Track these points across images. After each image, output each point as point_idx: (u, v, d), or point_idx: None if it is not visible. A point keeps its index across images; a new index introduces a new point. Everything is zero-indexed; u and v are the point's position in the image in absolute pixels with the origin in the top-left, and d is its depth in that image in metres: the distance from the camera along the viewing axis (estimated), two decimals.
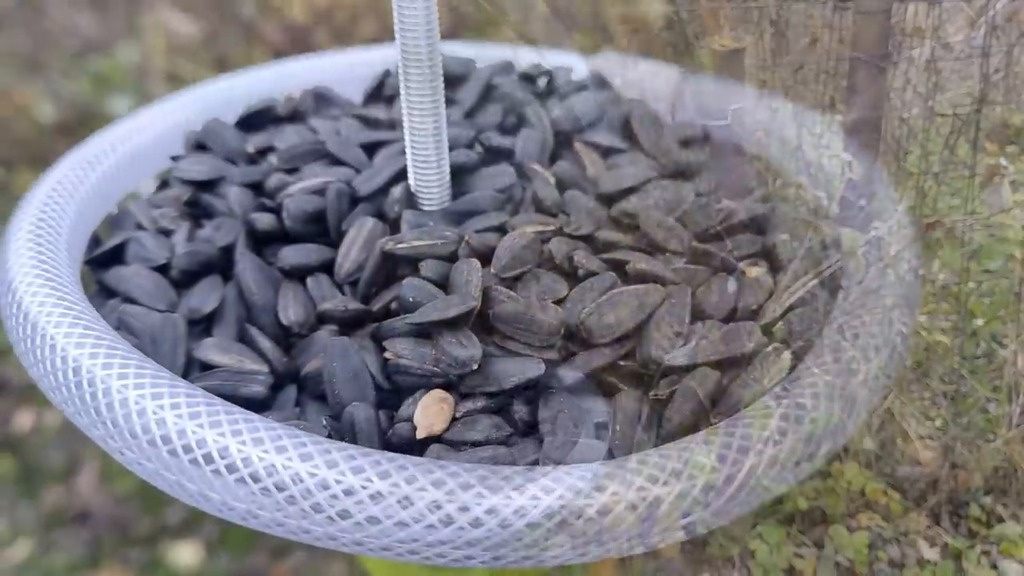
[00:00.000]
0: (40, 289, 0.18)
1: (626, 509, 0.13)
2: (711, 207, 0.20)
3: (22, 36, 1.78)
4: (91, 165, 0.22)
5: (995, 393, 1.82)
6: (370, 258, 0.18)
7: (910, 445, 1.56)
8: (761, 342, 0.17)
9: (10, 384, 1.51)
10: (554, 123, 0.22)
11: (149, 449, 0.15)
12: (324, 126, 0.23)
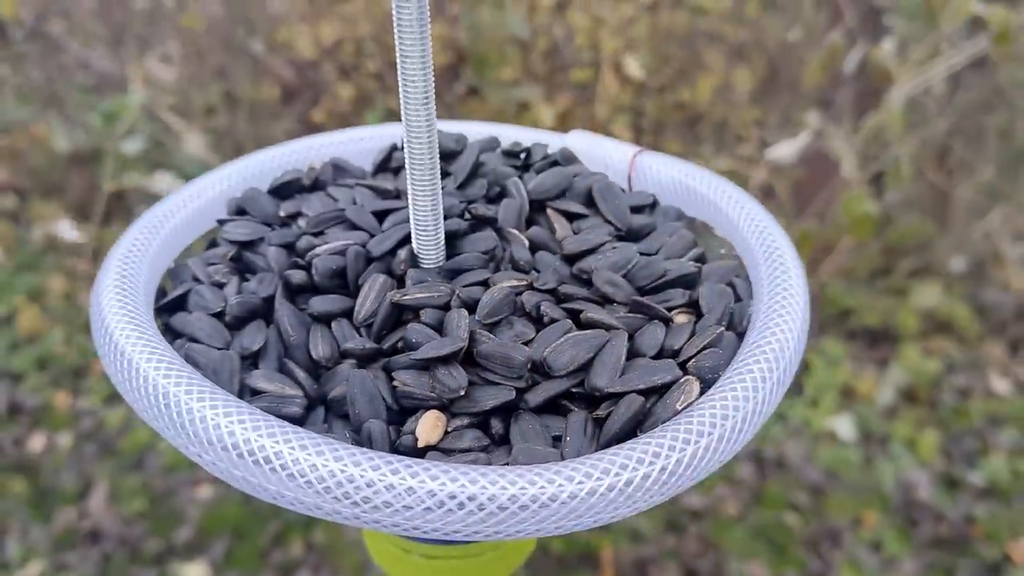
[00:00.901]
0: (131, 334, 0.22)
1: (569, 496, 0.18)
2: (652, 266, 0.24)
3: (39, 69, 1.72)
4: (156, 229, 0.27)
5: None
6: (381, 307, 0.23)
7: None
8: (677, 375, 0.22)
9: (24, 407, 1.43)
10: (530, 193, 0.26)
11: (222, 454, 0.19)
12: (342, 194, 0.27)
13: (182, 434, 0.20)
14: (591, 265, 0.23)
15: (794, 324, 0.22)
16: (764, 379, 0.20)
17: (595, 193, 0.26)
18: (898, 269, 1.57)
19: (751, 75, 1.70)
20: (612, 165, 0.29)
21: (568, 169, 0.28)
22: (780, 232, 0.24)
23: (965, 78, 1.43)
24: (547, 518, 0.18)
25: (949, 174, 1.51)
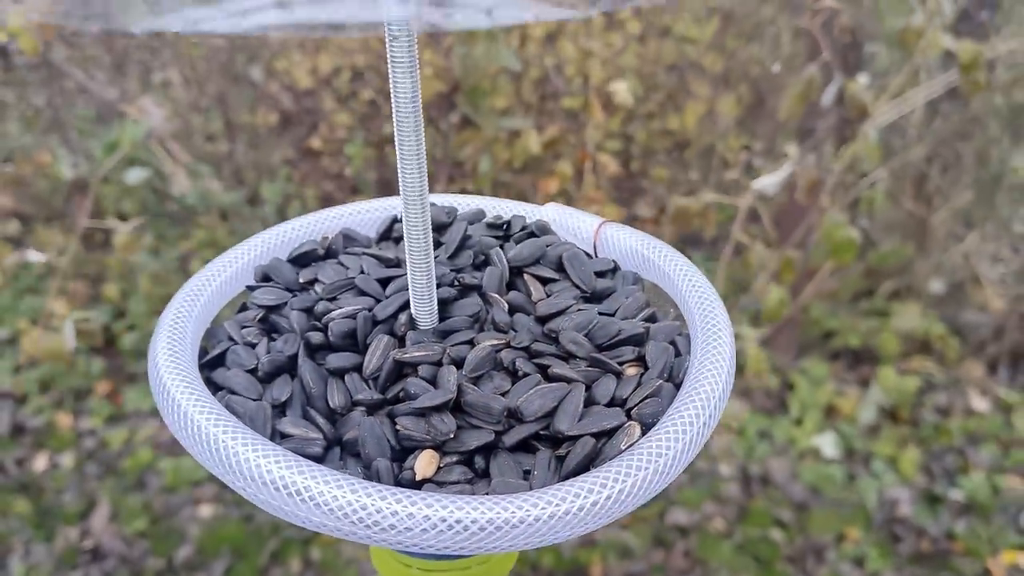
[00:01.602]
0: (184, 389, 0.26)
1: (535, 519, 0.22)
2: (609, 326, 0.28)
3: (41, 96, 1.76)
4: (197, 295, 0.31)
5: None
6: (385, 363, 0.27)
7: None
8: (623, 421, 0.25)
9: (27, 428, 1.46)
10: (510, 261, 0.31)
11: (261, 488, 0.23)
12: (352, 262, 0.32)
13: (228, 472, 0.23)
14: (559, 326, 0.28)
15: (719, 378, 0.26)
16: (692, 423, 0.24)
17: (565, 260, 0.31)
18: (879, 291, 1.61)
19: (736, 103, 1.75)
20: (580, 234, 0.34)
21: (542, 239, 0.32)
22: (716, 297, 0.28)
23: (942, 107, 1.48)
24: (519, 536, 0.22)
25: (928, 199, 1.56)
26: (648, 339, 0.28)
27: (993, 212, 1.55)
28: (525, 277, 0.31)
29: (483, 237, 0.33)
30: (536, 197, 1.60)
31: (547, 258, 0.32)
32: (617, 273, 0.32)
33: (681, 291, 0.30)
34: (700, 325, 0.28)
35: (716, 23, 1.65)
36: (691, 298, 0.29)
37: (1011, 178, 1.51)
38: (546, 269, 0.31)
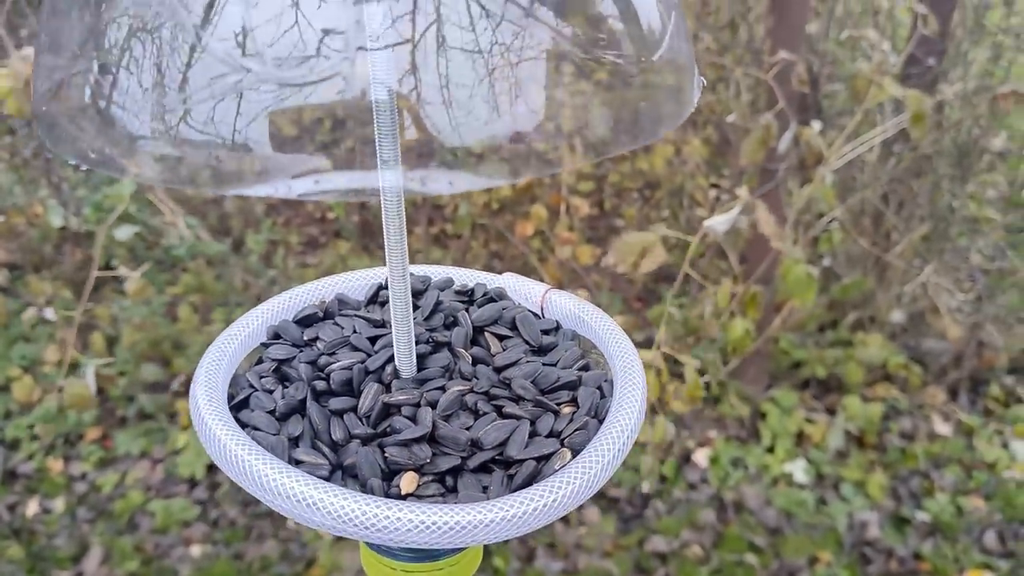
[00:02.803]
0: (222, 427, 0.32)
1: (491, 521, 0.29)
2: (550, 375, 0.35)
3: (31, 148, 1.81)
4: (223, 352, 0.37)
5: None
6: (376, 405, 0.34)
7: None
8: (558, 447, 0.32)
9: (18, 474, 1.50)
10: (473, 321, 0.38)
11: (286, 502, 0.29)
12: (346, 323, 0.38)
13: (260, 490, 0.30)
14: (511, 374, 0.35)
15: (632, 416, 0.33)
16: (609, 450, 0.31)
17: (517, 321, 0.39)
18: (843, 323, 1.69)
19: (704, 145, 1.83)
20: (530, 298, 0.41)
21: (500, 303, 0.40)
22: (633, 351, 0.35)
23: (895, 147, 1.57)
24: (479, 534, 0.29)
25: (886, 234, 1.64)
26: (580, 385, 0.35)
27: (948, 244, 1.64)
28: (486, 334, 0.38)
29: (452, 302, 0.40)
30: (513, 238, 1.67)
31: (503, 319, 0.39)
32: (559, 331, 0.39)
33: (607, 346, 0.37)
34: (620, 374, 0.34)
35: None
36: (614, 352, 0.36)
37: (962, 212, 1.60)
38: (502, 328, 0.38)
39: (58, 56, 0.23)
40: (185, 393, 1.61)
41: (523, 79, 0.23)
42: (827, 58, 1.67)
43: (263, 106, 0.21)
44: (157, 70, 0.21)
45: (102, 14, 0.22)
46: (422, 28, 0.23)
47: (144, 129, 0.22)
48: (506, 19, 0.22)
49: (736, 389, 1.61)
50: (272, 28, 0.22)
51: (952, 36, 1.54)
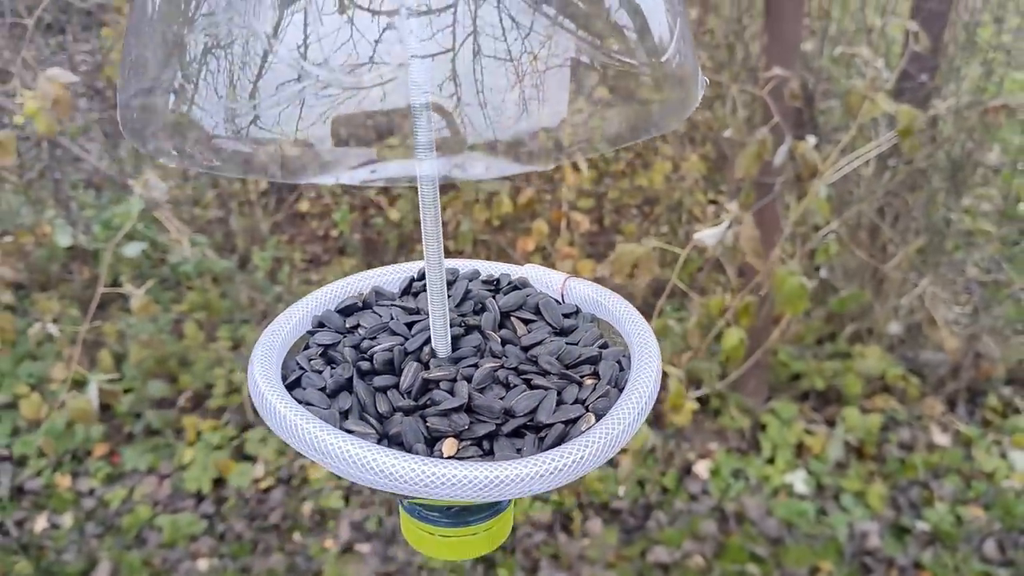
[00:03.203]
0: (281, 403, 0.35)
1: (527, 476, 0.31)
2: (573, 351, 0.38)
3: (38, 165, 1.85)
4: (274, 339, 0.40)
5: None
6: (416, 381, 0.37)
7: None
8: (582, 412, 0.35)
9: (27, 490, 1.52)
10: (500, 308, 0.42)
11: (342, 463, 0.32)
12: (384, 311, 0.42)
13: (320, 454, 0.33)
14: (537, 352, 0.38)
15: (648, 385, 0.36)
16: (629, 413, 0.34)
17: (540, 306, 0.42)
18: (841, 335, 1.72)
19: (702, 160, 1.88)
20: (551, 286, 0.44)
21: (524, 291, 0.43)
22: (648, 329, 0.38)
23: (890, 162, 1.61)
24: (514, 487, 0.31)
25: (882, 247, 1.68)
26: (600, 360, 0.38)
27: (943, 257, 1.67)
28: (512, 319, 0.41)
29: (480, 291, 0.43)
30: (515, 254, 1.70)
31: (527, 305, 0.42)
32: (579, 315, 0.43)
33: (624, 325, 0.40)
34: (637, 350, 0.38)
35: None
36: (631, 330, 0.39)
37: (957, 225, 1.64)
38: (527, 313, 0.41)
39: (145, 67, 0.26)
40: (192, 410, 1.64)
41: (549, 82, 0.26)
42: (822, 74, 1.71)
43: (323, 108, 0.24)
44: (231, 74, 0.24)
45: (185, 33, 0.25)
46: (460, 39, 0.26)
47: (220, 129, 0.25)
48: (534, 30, 0.25)
49: (736, 401, 1.64)
50: (330, 41, 0.25)
51: (945, 52, 1.59)
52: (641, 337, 0.38)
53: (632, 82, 0.27)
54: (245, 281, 1.68)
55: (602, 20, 0.26)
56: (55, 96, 1.22)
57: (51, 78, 1.23)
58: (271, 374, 0.37)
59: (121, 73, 0.28)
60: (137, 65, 0.27)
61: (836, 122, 1.63)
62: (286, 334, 0.40)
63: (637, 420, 0.34)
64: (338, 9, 0.26)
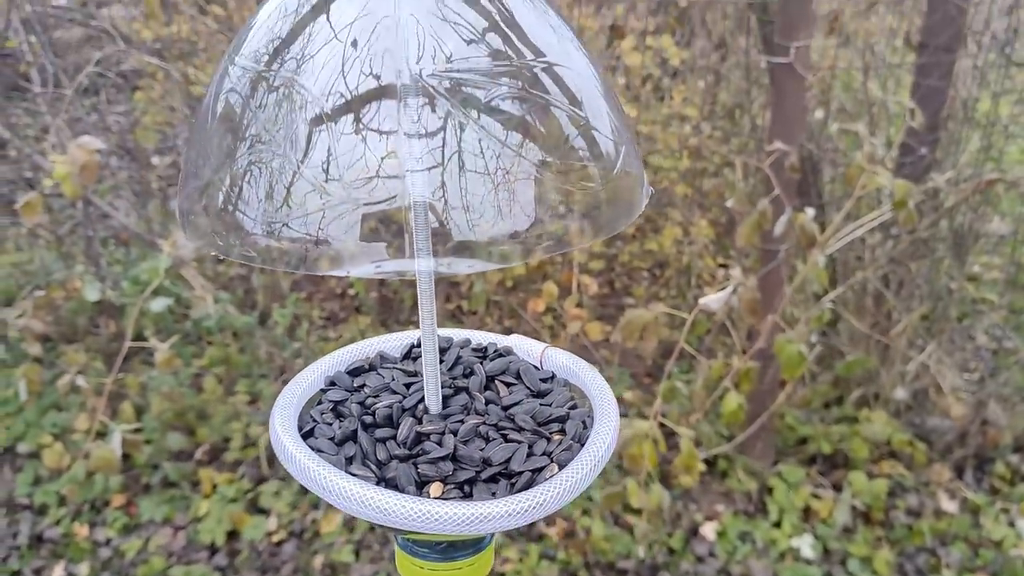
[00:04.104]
0: (297, 449, 0.42)
1: (498, 514, 0.38)
2: (545, 411, 0.45)
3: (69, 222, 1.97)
4: (293, 392, 0.47)
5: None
6: (411, 434, 0.42)
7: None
8: (548, 463, 0.41)
9: (46, 539, 1.58)
10: (486, 372, 0.47)
11: (345, 501, 0.38)
12: (387, 373, 0.48)
13: (326, 493, 0.39)
14: (515, 411, 0.45)
15: (605, 442, 0.42)
16: (586, 465, 0.40)
17: (521, 372, 0.48)
18: (848, 399, 1.76)
19: (710, 226, 1.95)
20: (532, 354, 0.50)
21: (508, 358, 0.50)
22: (611, 395, 0.44)
23: (893, 230, 1.68)
24: (490, 523, 0.37)
25: (888, 314, 1.73)
26: (568, 419, 0.44)
27: (948, 325, 1.72)
28: (496, 382, 0.48)
29: (470, 357, 0.50)
30: (525, 314, 1.77)
31: (510, 370, 0.48)
32: (554, 379, 0.49)
33: (590, 390, 0.47)
34: (598, 411, 0.44)
35: (687, 159, 1.87)
36: (595, 395, 0.46)
37: (961, 294, 1.69)
38: (509, 377, 0.48)
39: (201, 170, 0.34)
40: (208, 462, 1.70)
41: (518, 192, 0.33)
42: (828, 145, 1.79)
43: (339, 213, 0.31)
44: (269, 187, 0.32)
45: (235, 147, 0.32)
46: (448, 155, 0.33)
47: (257, 228, 0.32)
48: (503, 151, 0.33)
49: (743, 464, 1.68)
50: (346, 159, 0.32)
51: (944, 127, 1.66)
52: (603, 401, 0.44)
53: (586, 194, 0.34)
54: (265, 337, 1.75)
55: (561, 144, 0.33)
56: (83, 162, 1.31)
57: (81, 145, 1.33)
58: (289, 425, 0.43)
59: (182, 171, 0.35)
60: (195, 167, 0.34)
61: (841, 191, 1.70)
62: (303, 391, 0.47)
63: (594, 470, 0.40)
64: (354, 130, 0.33)
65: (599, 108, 0.34)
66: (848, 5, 1.66)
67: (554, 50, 0.34)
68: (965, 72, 1.59)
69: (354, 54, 0.33)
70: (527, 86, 0.33)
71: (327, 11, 0.34)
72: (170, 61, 2.02)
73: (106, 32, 1.96)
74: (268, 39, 0.35)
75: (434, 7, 0.34)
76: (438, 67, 0.32)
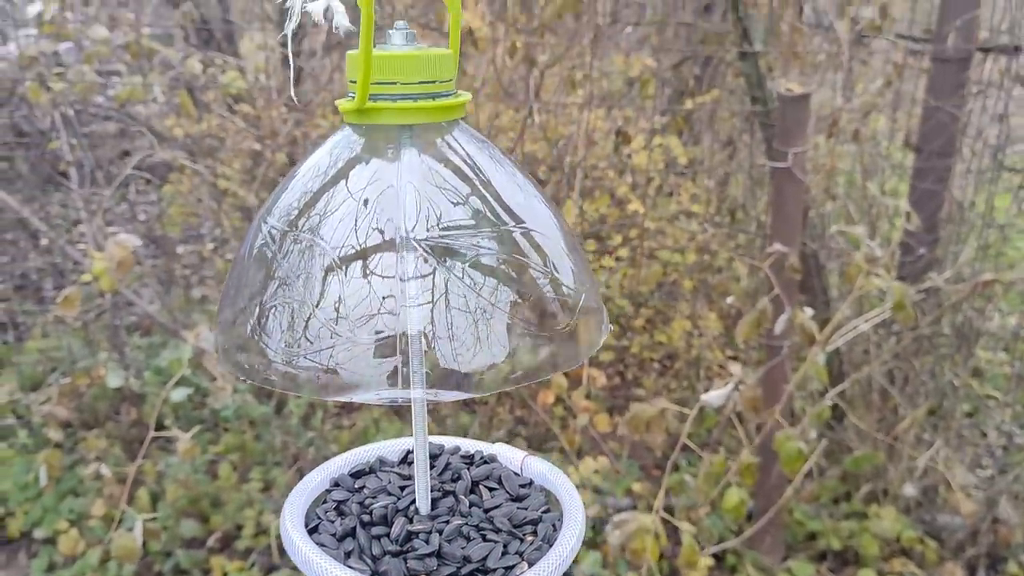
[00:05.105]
0: (301, 541, 0.47)
1: None
2: (521, 514, 0.50)
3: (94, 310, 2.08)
4: (301, 494, 0.53)
5: None
6: (402, 532, 0.48)
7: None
8: (519, 562, 0.47)
9: None
10: (472, 477, 0.54)
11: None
12: (384, 476, 0.55)
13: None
14: (494, 514, 0.50)
15: (570, 544, 0.47)
16: (552, 563, 0.46)
17: (503, 478, 0.54)
18: (857, 495, 1.79)
19: (719, 319, 2.01)
20: (514, 461, 0.56)
21: (491, 465, 0.56)
22: (578, 501, 0.50)
23: (895, 328, 1.73)
24: None
25: (894, 409, 1.77)
26: (540, 522, 0.50)
27: (954, 422, 1.76)
28: (480, 486, 0.53)
29: (458, 463, 0.56)
30: (535, 405, 1.83)
31: (493, 476, 0.54)
32: (532, 485, 0.55)
33: (562, 496, 0.52)
34: (567, 515, 0.50)
35: (694, 254, 1.95)
36: (566, 500, 0.51)
37: (966, 390, 1.73)
38: (492, 482, 0.54)
39: (234, 306, 0.41)
40: (220, 550, 1.75)
41: (495, 330, 0.40)
42: (832, 244, 1.86)
43: (347, 347, 0.39)
44: (289, 322, 0.39)
45: (264, 290, 0.40)
46: (436, 297, 0.41)
47: (278, 357, 0.39)
48: (482, 297, 0.40)
49: (752, 559, 1.70)
50: (354, 298, 0.40)
51: (943, 227, 1.73)
52: (572, 506, 0.50)
53: (553, 333, 0.41)
54: (280, 426, 1.81)
55: (531, 291, 0.41)
56: (120, 258, 1.41)
57: (118, 242, 1.43)
58: (297, 521, 0.50)
59: (220, 303, 0.43)
60: (231, 301, 0.42)
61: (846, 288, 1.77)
62: (311, 490, 0.53)
63: (559, 568, 0.46)
64: (361, 275, 0.41)
65: (563, 261, 0.42)
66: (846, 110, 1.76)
67: (522, 208, 0.42)
68: (961, 175, 1.67)
69: (364, 212, 0.41)
70: (501, 246, 0.40)
71: (347, 176, 0.42)
72: (199, 156, 2.15)
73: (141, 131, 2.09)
74: (301, 193, 0.43)
75: (428, 175, 0.42)
76: (430, 232, 0.40)
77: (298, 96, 2.10)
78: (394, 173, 0.41)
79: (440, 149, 0.42)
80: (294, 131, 2.05)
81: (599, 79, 2.05)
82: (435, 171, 0.42)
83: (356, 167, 0.42)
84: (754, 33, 1.77)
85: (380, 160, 0.42)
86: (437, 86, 0.41)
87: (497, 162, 0.44)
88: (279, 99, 2.14)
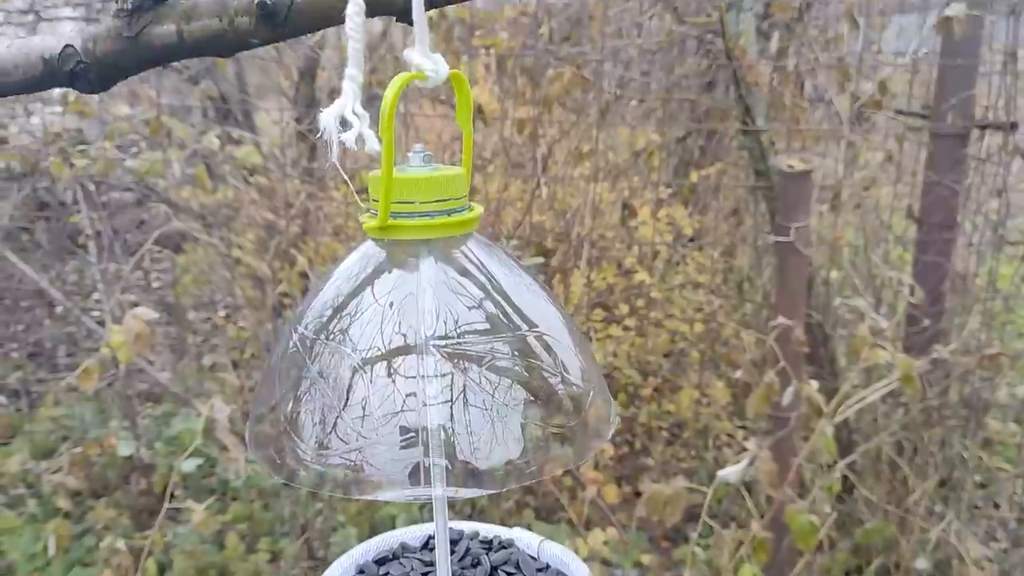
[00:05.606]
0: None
1: None
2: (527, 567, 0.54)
3: None
4: None
5: None
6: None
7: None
8: None
9: None
10: (491, 562, 0.56)
11: None
12: (407, 563, 0.57)
13: None
14: (509, 570, 0.52)
15: None
16: None
17: (520, 563, 0.56)
18: (868, 569, 1.78)
19: (727, 389, 2.03)
20: (531, 546, 0.58)
21: (509, 550, 0.58)
22: None
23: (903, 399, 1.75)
24: None
25: (904, 481, 1.77)
26: None
27: (965, 494, 1.76)
28: (499, 571, 0.55)
29: (477, 549, 0.58)
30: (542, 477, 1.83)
31: (511, 561, 0.56)
32: (549, 569, 0.57)
33: None
34: None
35: (700, 324, 1.98)
36: None
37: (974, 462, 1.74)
38: (511, 567, 0.56)
39: (266, 407, 0.45)
40: None
41: (510, 427, 0.43)
42: (837, 315, 1.89)
43: (371, 445, 0.42)
44: (320, 423, 0.42)
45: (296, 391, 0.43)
46: (455, 396, 0.44)
47: (307, 454, 0.42)
48: (497, 395, 0.43)
49: None
50: (378, 397, 0.43)
51: (947, 298, 1.76)
52: None
53: (563, 428, 0.44)
54: (289, 496, 1.83)
55: (543, 389, 0.44)
56: (137, 331, 1.45)
57: (136, 315, 1.46)
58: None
59: (253, 402, 0.46)
60: (263, 401, 0.45)
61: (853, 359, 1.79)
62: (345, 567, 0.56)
63: None
64: (386, 374, 0.44)
65: (571, 360, 0.45)
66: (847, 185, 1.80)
67: (531, 308, 0.46)
68: (963, 247, 1.71)
69: (389, 314, 0.45)
70: (514, 349, 0.44)
71: (373, 283, 0.46)
72: (213, 226, 2.20)
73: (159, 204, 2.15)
74: (333, 295, 0.47)
75: (444, 279, 0.45)
76: (448, 336, 0.43)
77: (317, 171, 2.17)
78: (414, 282, 0.45)
79: (456, 259, 0.46)
80: (307, 203, 2.11)
81: (605, 151, 2.11)
82: (452, 279, 0.45)
83: (380, 277, 0.46)
84: (756, 109, 1.82)
85: (401, 271, 0.46)
86: (452, 203, 0.45)
87: (506, 266, 0.48)
88: (294, 171, 2.20)
